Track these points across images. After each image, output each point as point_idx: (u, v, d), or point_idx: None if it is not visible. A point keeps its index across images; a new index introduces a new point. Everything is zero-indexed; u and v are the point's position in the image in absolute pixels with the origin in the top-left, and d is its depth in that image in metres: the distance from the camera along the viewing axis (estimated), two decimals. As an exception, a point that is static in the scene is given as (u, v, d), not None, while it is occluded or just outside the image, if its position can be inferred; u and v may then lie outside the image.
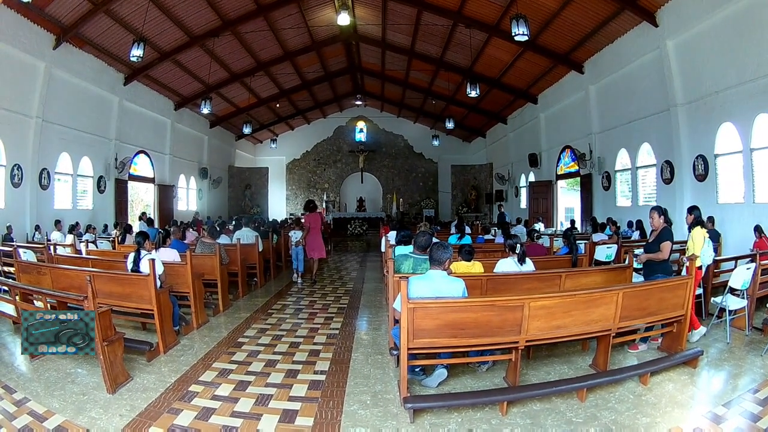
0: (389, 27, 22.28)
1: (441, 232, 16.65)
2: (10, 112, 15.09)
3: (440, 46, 22.26)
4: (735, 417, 5.22)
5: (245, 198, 35.43)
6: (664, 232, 7.64)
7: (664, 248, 7.47)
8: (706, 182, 13.68)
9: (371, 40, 24.58)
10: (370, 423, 5.39)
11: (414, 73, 27.31)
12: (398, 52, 24.69)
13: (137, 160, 23.18)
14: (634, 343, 7.45)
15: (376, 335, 9.08)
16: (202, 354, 7.84)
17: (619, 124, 18.03)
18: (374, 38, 24.26)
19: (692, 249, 8.26)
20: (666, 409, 5.48)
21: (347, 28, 21.81)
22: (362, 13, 21.72)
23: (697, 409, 5.53)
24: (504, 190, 31.37)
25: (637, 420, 5.21)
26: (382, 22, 21.83)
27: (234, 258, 12.51)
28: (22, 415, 5.41)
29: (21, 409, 5.56)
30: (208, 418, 5.49)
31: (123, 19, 16.77)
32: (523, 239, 12.40)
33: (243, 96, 28.08)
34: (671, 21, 14.29)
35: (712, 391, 6.19)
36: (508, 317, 5.67)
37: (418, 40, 22.45)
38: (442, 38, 21.39)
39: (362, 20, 22.36)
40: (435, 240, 7.61)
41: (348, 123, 39.31)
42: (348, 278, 15.98)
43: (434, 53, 23.44)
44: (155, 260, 8.01)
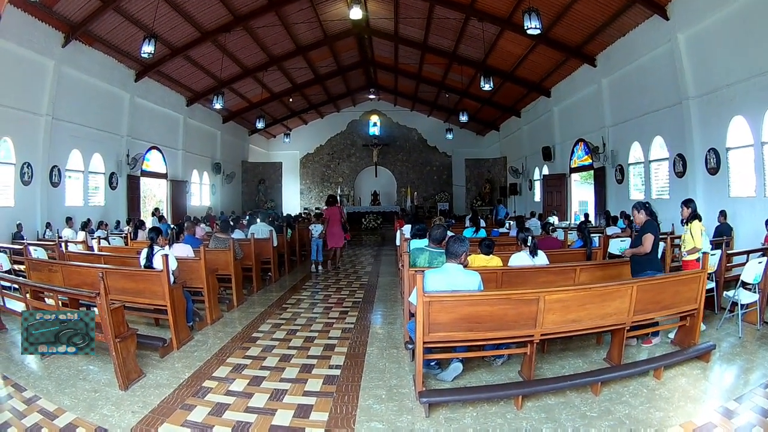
0: (402, 21, 22.25)
1: (456, 226, 16.70)
2: (19, 111, 15.13)
3: (453, 39, 22.21)
4: (746, 412, 5.23)
5: (259, 193, 35.43)
6: (646, 225, 7.63)
7: (645, 241, 7.45)
8: (718, 176, 13.59)
9: (384, 34, 24.53)
10: (385, 417, 5.39)
11: (427, 67, 27.16)
12: (411, 46, 24.61)
13: (149, 155, 23.22)
14: (648, 337, 7.45)
15: (392, 329, 9.07)
16: (216, 349, 7.86)
17: (631, 117, 17.93)
18: (387, 32, 24.21)
19: (691, 242, 8.24)
20: (679, 403, 5.49)
21: (359, 22, 21.70)
22: (374, 7, 21.67)
23: (709, 403, 5.54)
24: (518, 183, 31.23)
25: (650, 414, 5.22)
26: (395, 16, 21.81)
27: (248, 253, 12.58)
28: (32, 413, 5.42)
29: (31, 407, 5.58)
30: (222, 414, 5.50)
31: (133, 15, 16.79)
32: (538, 233, 12.42)
33: (256, 91, 28.11)
34: (682, 14, 14.21)
35: (724, 385, 6.19)
36: (523, 310, 5.69)
37: (430, 33, 22.41)
38: (455, 32, 21.33)
39: (374, 14, 22.28)
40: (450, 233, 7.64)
41: (361, 117, 39.26)
42: (363, 272, 16.03)
43: (447, 47, 23.38)
44: (168, 256, 8.02)
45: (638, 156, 18.00)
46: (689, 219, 8.47)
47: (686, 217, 8.56)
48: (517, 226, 13.16)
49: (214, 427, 5.20)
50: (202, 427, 5.21)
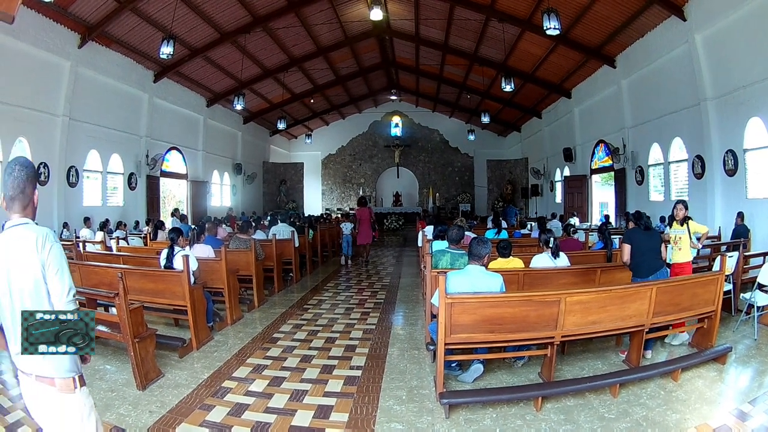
0: (422, 22, 22.34)
1: (477, 227, 16.75)
2: (35, 111, 15.24)
3: (474, 40, 22.24)
4: (760, 414, 5.24)
5: (280, 193, 35.70)
6: (625, 234, 7.74)
7: (621, 250, 7.53)
8: (736, 177, 13.54)
9: (405, 35, 24.60)
10: (405, 418, 5.41)
11: (448, 68, 27.18)
12: (432, 47, 24.67)
13: (169, 156, 23.43)
14: None
15: (413, 330, 9.10)
16: (236, 350, 7.89)
17: (651, 118, 17.89)
18: (408, 33, 24.30)
19: (703, 228, 8.55)
20: (695, 405, 5.49)
21: (380, 23, 21.79)
22: (395, 8, 21.77)
23: (724, 405, 5.55)
24: (539, 184, 31.18)
25: (667, 416, 5.23)
26: (415, 17, 21.90)
27: (269, 253, 12.57)
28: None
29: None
30: (242, 414, 5.52)
31: (150, 16, 16.96)
32: (558, 234, 12.45)
33: (277, 92, 28.25)
34: (698, 15, 14.19)
35: (739, 388, 6.20)
36: (544, 312, 5.72)
37: (451, 34, 22.47)
38: (476, 33, 21.36)
39: (395, 15, 22.40)
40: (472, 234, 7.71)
41: (383, 118, 39.38)
42: (385, 273, 16.10)
43: (468, 48, 23.40)
44: (189, 257, 8.06)
45: (658, 157, 17.95)
46: (684, 220, 8.53)
47: (682, 218, 8.59)
48: (538, 228, 13.20)
49: (233, 428, 5.23)
50: (220, 427, 5.24)
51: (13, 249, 3.03)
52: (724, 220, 13.76)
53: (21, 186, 3.12)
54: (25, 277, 3.02)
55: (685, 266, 8.31)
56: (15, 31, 13.31)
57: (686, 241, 8.40)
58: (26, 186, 3.14)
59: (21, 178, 3.13)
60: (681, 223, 8.59)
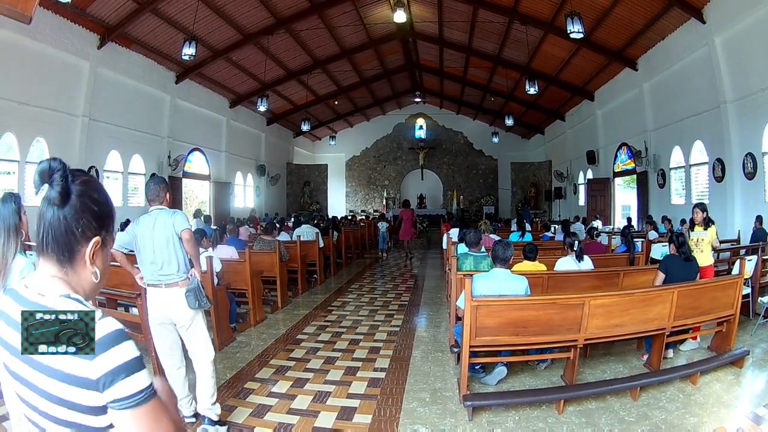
0: (446, 24, 22.38)
1: (502, 230, 16.76)
2: (54, 112, 15.14)
3: (497, 43, 22.29)
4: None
5: (304, 195, 35.78)
6: (662, 261, 7.70)
7: (655, 276, 7.47)
8: (755, 180, 13.52)
9: (428, 37, 24.66)
10: (428, 420, 5.44)
11: (472, 70, 27.25)
12: (456, 50, 24.72)
13: (192, 157, 23.41)
14: None
15: (437, 332, 9.15)
16: (259, 351, 7.95)
17: (672, 121, 17.83)
18: (431, 35, 24.36)
19: (708, 244, 8.52)
20: (713, 408, 5.54)
21: (404, 25, 21.73)
22: (418, 11, 21.90)
23: (741, 409, 5.60)
24: (563, 187, 31.07)
25: (685, 420, 5.28)
26: (439, 19, 22.01)
27: (294, 255, 12.59)
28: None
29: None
30: (264, 416, 5.56)
31: (171, 18, 16.98)
32: (582, 237, 12.51)
33: (301, 93, 28.36)
34: (717, 17, 14.15)
35: (756, 391, 6.27)
36: (568, 315, 5.75)
37: (475, 37, 22.53)
38: (499, 35, 21.40)
39: (419, 17, 22.52)
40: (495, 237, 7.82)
41: (407, 120, 39.41)
42: (409, 275, 16.17)
43: (491, 50, 23.45)
44: (213, 258, 8.07)
45: (679, 160, 17.91)
46: (707, 222, 8.59)
47: (701, 221, 8.64)
48: (563, 231, 13.24)
49: (255, 428, 5.28)
50: (242, 428, 5.31)
51: (158, 220, 5.18)
52: (743, 224, 13.71)
53: (156, 191, 5.31)
54: (161, 234, 5.16)
55: (707, 269, 8.37)
56: (32, 31, 13.22)
57: (708, 244, 8.47)
58: (160, 191, 5.32)
59: (156, 189, 5.32)
60: (704, 227, 8.67)
